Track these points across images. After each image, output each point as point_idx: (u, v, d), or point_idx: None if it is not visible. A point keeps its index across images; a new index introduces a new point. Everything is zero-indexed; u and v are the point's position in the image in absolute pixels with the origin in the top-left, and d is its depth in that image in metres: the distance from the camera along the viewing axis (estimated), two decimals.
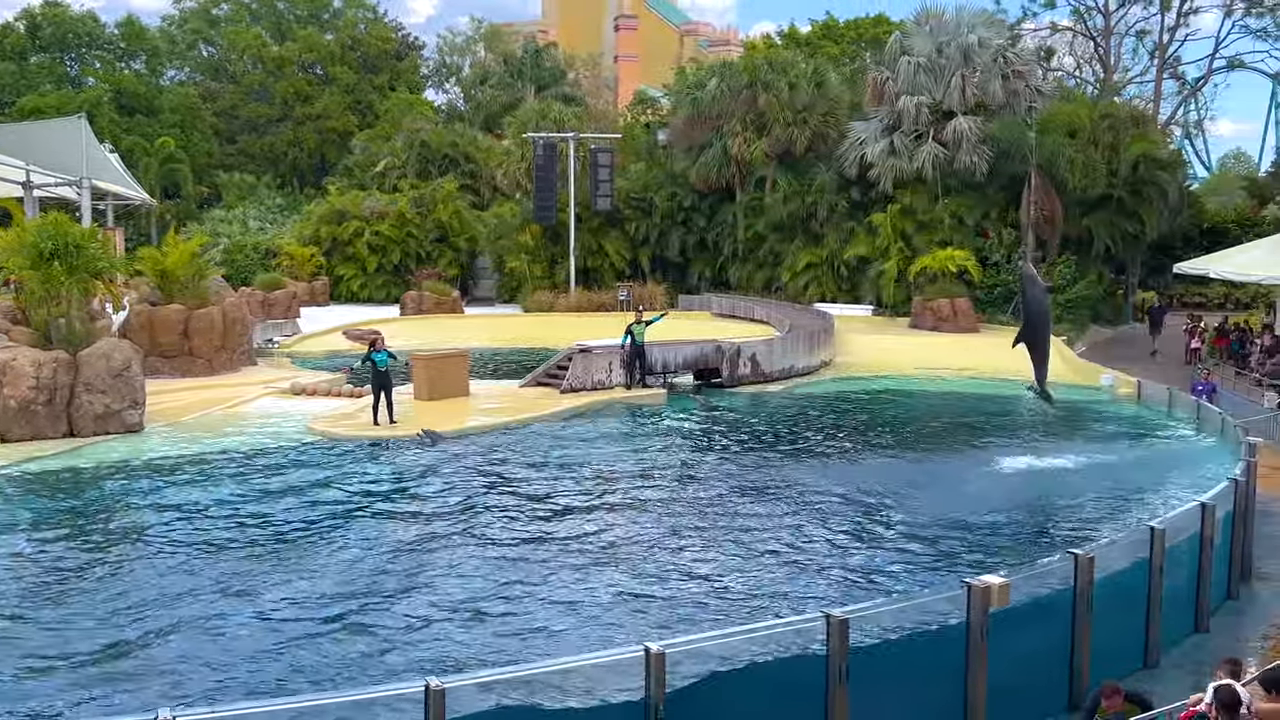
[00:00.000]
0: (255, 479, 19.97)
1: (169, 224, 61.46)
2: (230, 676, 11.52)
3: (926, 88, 46.55)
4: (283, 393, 28.43)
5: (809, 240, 49.89)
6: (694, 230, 54.06)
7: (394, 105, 77.12)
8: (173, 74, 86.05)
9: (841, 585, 14.35)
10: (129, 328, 29.42)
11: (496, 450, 22.44)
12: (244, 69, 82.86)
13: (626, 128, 65.53)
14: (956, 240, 44.72)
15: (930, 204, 46.06)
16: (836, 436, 24.89)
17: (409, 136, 64.33)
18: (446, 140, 63.92)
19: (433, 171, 62.11)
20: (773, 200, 50.17)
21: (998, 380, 32.86)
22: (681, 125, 54.06)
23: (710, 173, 51.82)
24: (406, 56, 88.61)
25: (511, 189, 57.16)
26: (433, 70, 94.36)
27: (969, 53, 46.46)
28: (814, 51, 62.36)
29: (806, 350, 33.55)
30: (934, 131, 45.84)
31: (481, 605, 13.57)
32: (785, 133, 49.97)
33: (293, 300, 44.73)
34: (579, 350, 29.38)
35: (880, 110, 47.52)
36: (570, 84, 75.65)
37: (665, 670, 8.71)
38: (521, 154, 55.34)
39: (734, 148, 50.65)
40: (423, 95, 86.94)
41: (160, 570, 14.88)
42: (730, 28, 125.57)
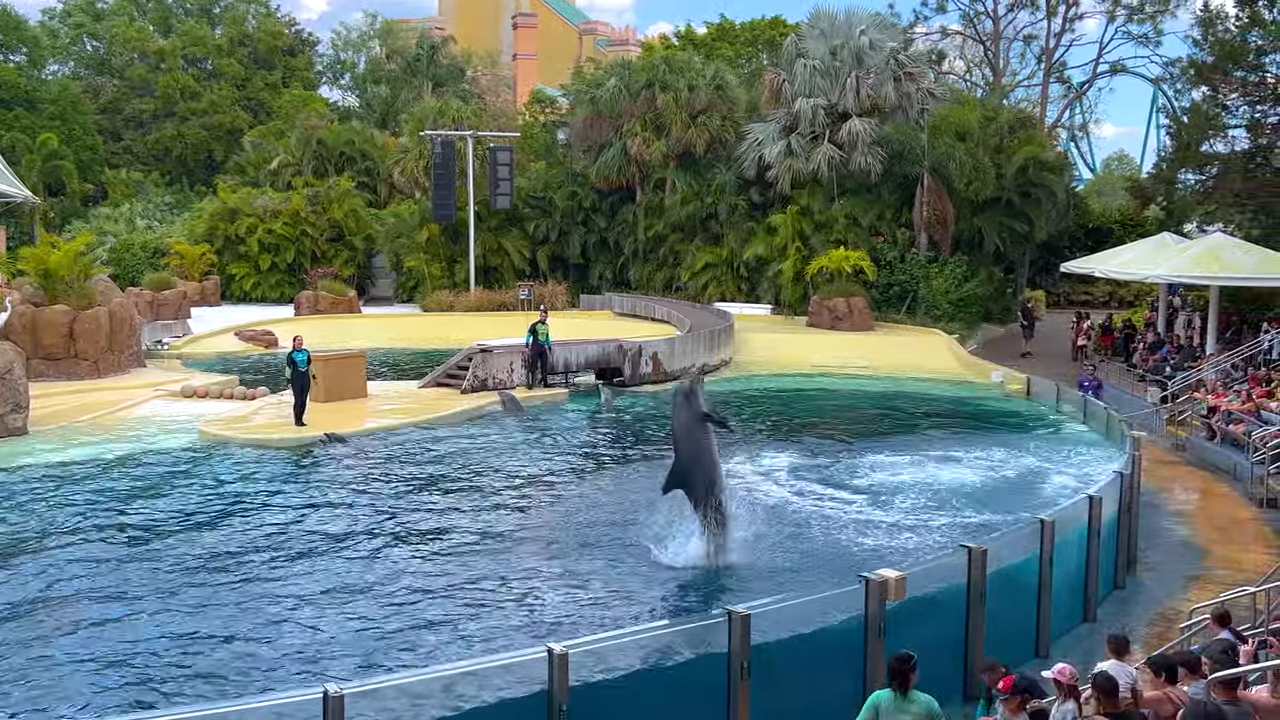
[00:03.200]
0: (136, 483, 19.44)
1: (52, 222, 59.50)
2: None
3: (822, 89, 47.16)
4: (173, 395, 27.71)
5: (708, 240, 50.24)
6: (594, 230, 54.05)
7: (287, 102, 75.62)
8: (55, 68, 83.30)
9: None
10: (11, 329, 28.37)
11: (389, 453, 22.19)
12: (128, 62, 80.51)
13: (526, 127, 65.20)
14: (852, 240, 45.40)
15: (826, 204, 46.66)
16: (752, 433, 25.09)
17: (303, 134, 63.11)
18: (342, 138, 62.87)
19: (328, 169, 61.05)
20: (672, 201, 50.40)
21: (894, 377, 33.58)
22: (581, 125, 53.98)
23: (610, 172, 51.84)
24: (300, 52, 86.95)
25: (409, 187, 56.49)
26: (327, 66, 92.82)
27: (862, 55, 47.19)
28: (710, 53, 62.74)
29: (707, 349, 33.79)
30: (830, 133, 46.46)
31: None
32: (684, 133, 50.21)
33: (183, 300, 43.56)
34: (480, 350, 29.17)
35: (777, 112, 48.01)
36: (468, 82, 75.04)
37: (569, 670, 8.70)
38: (419, 152, 54.72)
39: (633, 148, 50.74)
40: (317, 92, 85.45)
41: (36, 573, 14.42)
42: (628, 27, 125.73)
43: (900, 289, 44.32)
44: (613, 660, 9.58)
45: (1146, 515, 18.03)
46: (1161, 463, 22.93)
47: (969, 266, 44.34)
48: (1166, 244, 34.72)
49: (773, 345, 37.86)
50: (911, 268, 44.41)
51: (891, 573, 10.77)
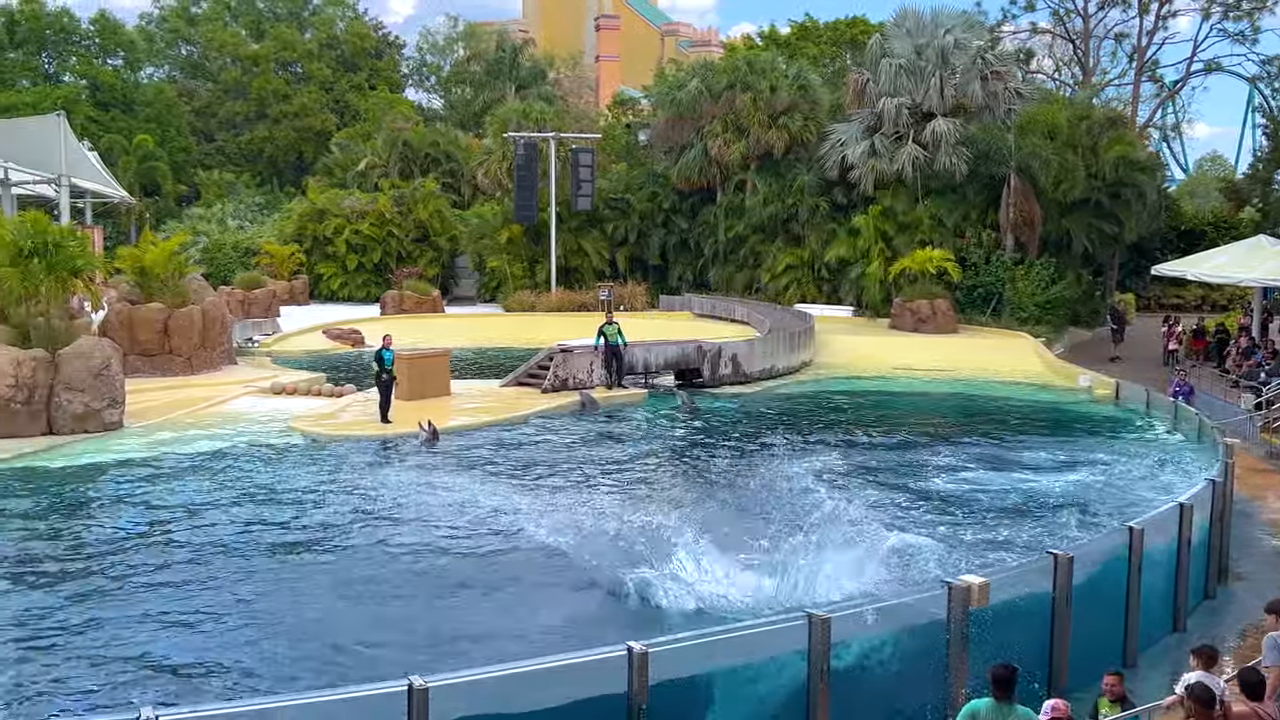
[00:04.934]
0: (232, 478, 19.91)
1: (147, 222, 61.17)
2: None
3: (906, 89, 46.68)
4: (263, 392, 28.34)
5: (789, 241, 50.00)
6: (674, 231, 54.10)
7: (374, 104, 76.89)
8: (151, 72, 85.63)
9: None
10: (108, 326, 29.26)
11: (474, 450, 22.45)
12: (221, 66, 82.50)
13: (607, 128, 65.52)
14: (936, 241, 44.89)
15: (910, 205, 46.20)
16: (816, 434, 24.95)
17: (390, 136, 64.15)
18: (428, 140, 63.80)
19: (414, 171, 61.99)
20: (753, 202, 50.24)
21: (978, 380, 33.12)
22: (662, 126, 54.08)
23: (691, 174, 51.86)
24: (385, 55, 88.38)
25: (492, 188, 57.06)
26: (413, 69, 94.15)
27: (947, 54, 46.63)
28: (793, 53, 62.46)
29: (787, 350, 33.64)
30: (914, 133, 45.98)
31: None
32: (765, 134, 50.04)
33: (272, 299, 44.57)
34: (560, 350, 29.37)
35: (861, 112, 47.66)
36: (551, 83, 75.58)
37: (648, 669, 8.75)
38: (502, 153, 55.24)
39: (714, 149, 50.68)
40: (403, 94, 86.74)
41: (138, 566, 14.85)
42: (710, 28, 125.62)
43: (985, 291, 43.70)
44: (692, 660, 9.62)
45: (1239, 524, 17.57)
46: (1255, 471, 22.31)
47: (1056, 268, 43.60)
48: (1262, 246, 33.80)
49: (853, 347, 37.59)
50: (997, 269, 43.77)
51: (975, 578, 10.65)
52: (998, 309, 43.27)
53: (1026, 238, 44.55)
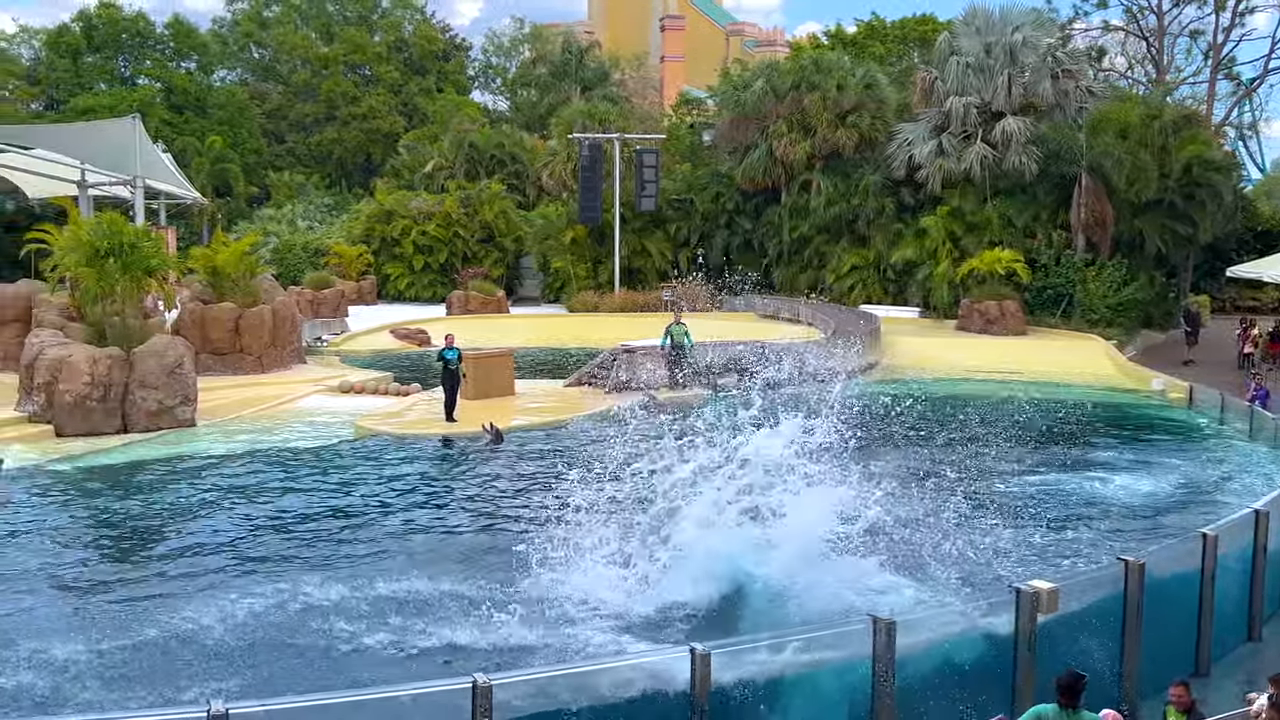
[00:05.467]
0: (303, 475, 20.22)
1: (219, 223, 62.25)
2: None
3: (975, 88, 46.16)
4: (332, 390, 28.74)
5: (855, 242, 49.62)
6: (737, 231, 53.95)
7: (441, 106, 77.63)
8: (223, 74, 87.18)
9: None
10: (181, 325, 29.83)
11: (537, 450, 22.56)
12: (292, 69, 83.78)
13: (671, 128, 65.53)
14: (1005, 241, 44.31)
15: (979, 205, 45.69)
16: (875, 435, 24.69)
17: (456, 137, 64.72)
18: (493, 141, 64.28)
19: (479, 172, 62.48)
20: (818, 202, 49.93)
21: (1047, 383, 32.63)
22: (726, 126, 53.98)
23: (755, 174, 51.68)
24: (453, 57, 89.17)
25: (557, 189, 57.33)
26: (479, 71, 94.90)
27: (1017, 52, 46.04)
28: (860, 52, 62.04)
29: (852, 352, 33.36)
30: (982, 132, 45.46)
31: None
32: (832, 134, 49.73)
33: (341, 299, 45.17)
34: (623, 350, 29.42)
35: (928, 111, 47.21)
36: (615, 84, 75.72)
37: (710, 670, 8.74)
38: (567, 154, 55.47)
39: (779, 149, 50.47)
40: (469, 96, 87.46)
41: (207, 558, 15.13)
42: (776, 28, 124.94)
43: (1055, 292, 43.08)
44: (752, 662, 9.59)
45: None
46: None
47: (1128, 270, 42.85)
48: None
49: (920, 349, 37.23)
50: (1067, 270, 43.12)
51: (1044, 584, 10.50)
52: (1068, 311, 42.62)
53: (1098, 238, 43.84)
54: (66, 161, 45.76)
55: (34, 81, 78.37)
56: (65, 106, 73.02)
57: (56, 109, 74.90)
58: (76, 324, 26.37)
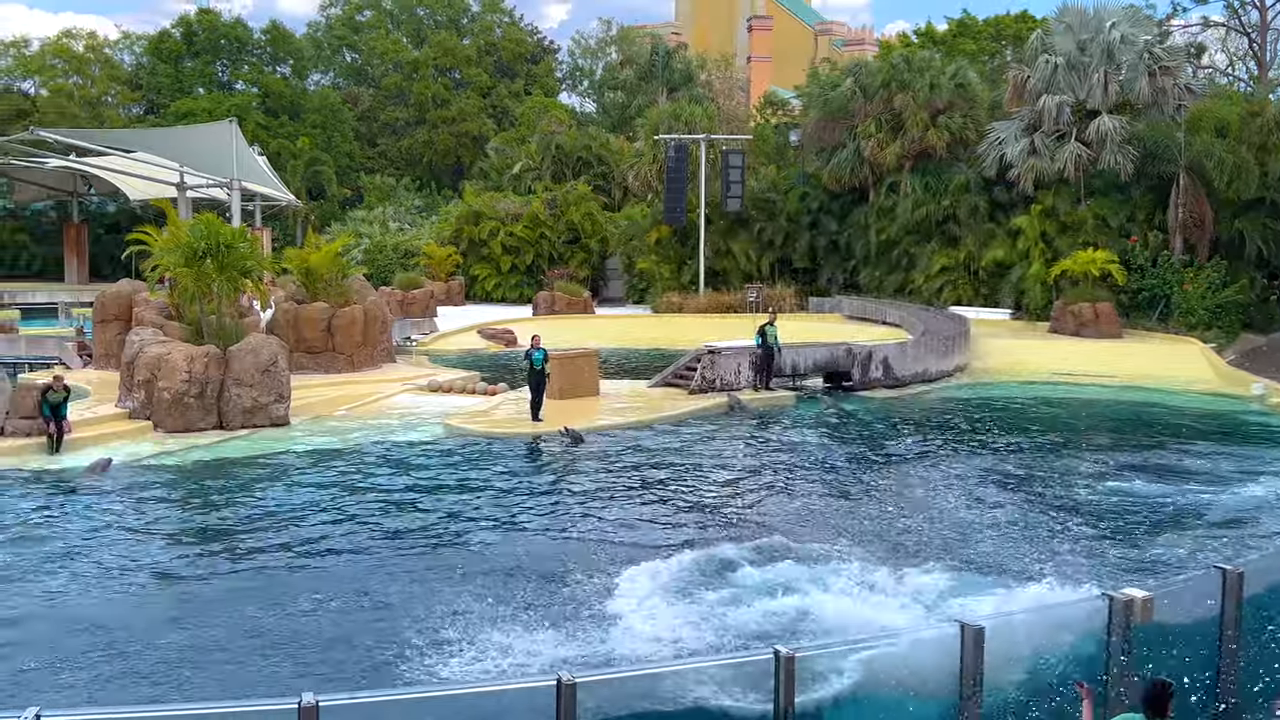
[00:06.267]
0: (394, 472, 20.55)
1: (312, 224, 63.55)
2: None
3: (1069, 86, 45.24)
4: (420, 389, 29.15)
5: (945, 243, 48.92)
6: (824, 232, 53.53)
7: (529, 108, 78.31)
8: (316, 78, 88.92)
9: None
10: (275, 324, 30.49)
11: (621, 449, 22.63)
12: (383, 73, 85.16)
13: (757, 129, 65.28)
14: (1100, 242, 43.35)
15: (1072, 205, 44.82)
16: (964, 440, 24.38)
17: (543, 139, 65.24)
18: (580, 143, 64.68)
19: (566, 173, 62.92)
20: (907, 203, 49.34)
21: (1142, 387, 31.88)
22: (813, 127, 53.60)
23: (843, 174, 51.24)
24: (541, 60, 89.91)
25: (642, 190, 57.48)
26: (567, 73, 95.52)
27: (1113, 49, 45.01)
28: (951, 50, 61.20)
29: (940, 354, 32.96)
30: (1077, 131, 44.54)
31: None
32: (922, 134, 49.13)
33: (430, 299, 45.82)
34: (707, 351, 29.39)
35: (1021, 110, 46.39)
36: (702, 85, 75.68)
37: (795, 675, 8.69)
38: (653, 156, 55.59)
39: (868, 149, 50.03)
40: (557, 98, 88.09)
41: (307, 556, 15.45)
42: (865, 27, 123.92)
43: (1151, 294, 42.05)
44: (838, 666, 9.53)
45: None
46: None
47: (1228, 271, 41.63)
48: None
49: (1010, 351, 36.61)
50: (1164, 272, 42.05)
51: (1138, 592, 10.26)
52: (1165, 313, 41.57)
53: (1196, 239, 42.69)
54: (166, 164, 47.22)
55: (136, 86, 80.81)
56: (165, 111, 75.18)
57: (157, 113, 77.14)
58: (175, 323, 27.12)
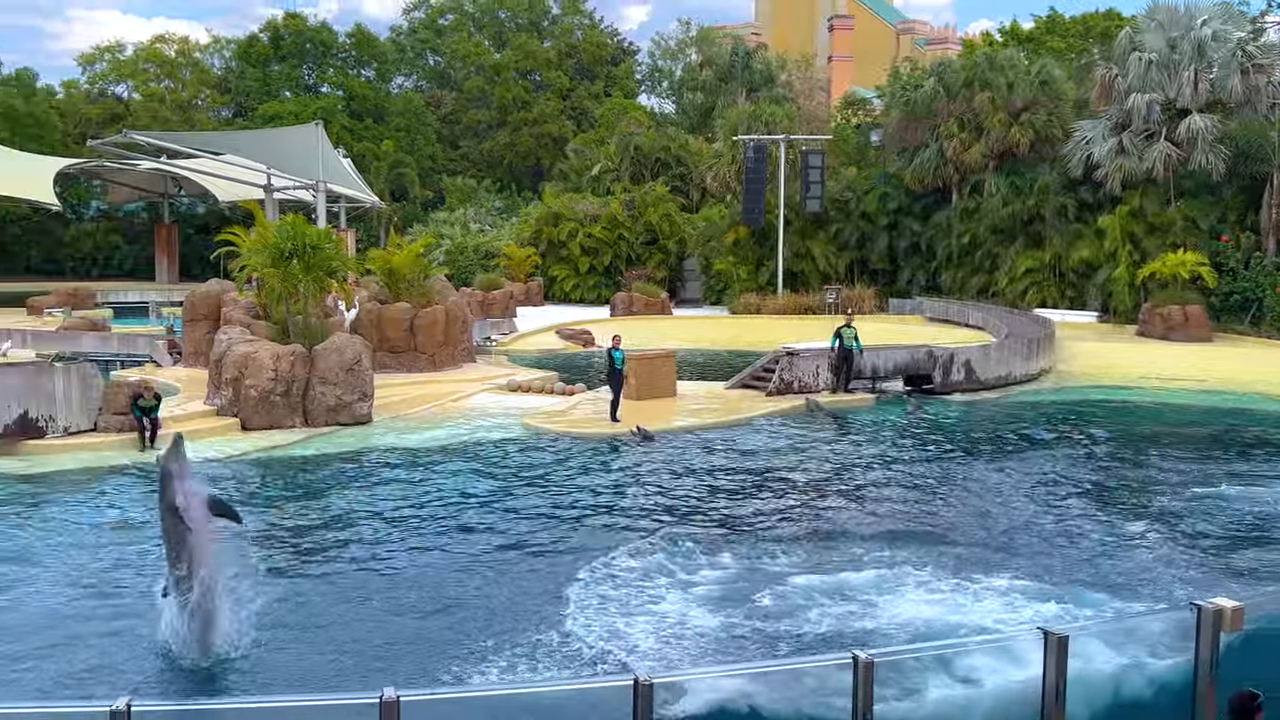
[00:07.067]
0: (474, 470, 20.80)
1: (395, 225, 64.46)
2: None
3: (1158, 84, 44.28)
4: (500, 389, 29.42)
5: (1029, 244, 48.14)
6: (904, 233, 53.01)
7: (608, 110, 78.65)
8: (400, 81, 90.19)
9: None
10: (359, 324, 30.98)
11: (697, 451, 22.63)
12: (465, 75, 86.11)
13: (837, 129, 64.83)
14: (1189, 244, 42.37)
15: (1161, 206, 43.86)
16: (1045, 445, 23.96)
17: (622, 140, 65.47)
18: (658, 144, 64.79)
19: (645, 175, 63.07)
20: (990, 203, 48.66)
21: (1234, 392, 31.08)
22: (895, 126, 53.12)
23: (925, 174, 50.71)
24: (621, 62, 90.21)
25: (721, 191, 57.41)
26: (646, 75, 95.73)
27: (1204, 47, 43.95)
28: (1037, 48, 60.23)
29: (1024, 357, 32.44)
30: (1166, 130, 43.58)
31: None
32: (1005, 133, 48.43)
33: (509, 300, 46.24)
34: (786, 353, 29.25)
35: (1108, 108, 45.51)
36: (782, 86, 75.32)
37: (873, 679, 8.62)
38: (732, 156, 55.50)
39: (950, 149, 49.44)
40: (636, 99, 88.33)
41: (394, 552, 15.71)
42: (948, 26, 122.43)
43: (1243, 297, 41.00)
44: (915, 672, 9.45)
45: None
46: None
47: None
48: None
49: (1096, 354, 35.94)
50: (1256, 274, 40.96)
51: (1228, 601, 10.01)
52: (1257, 316, 40.48)
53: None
54: (254, 166, 48.23)
55: (225, 90, 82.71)
56: (253, 114, 76.83)
57: (245, 116, 78.87)
58: (262, 322, 27.66)
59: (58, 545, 15.96)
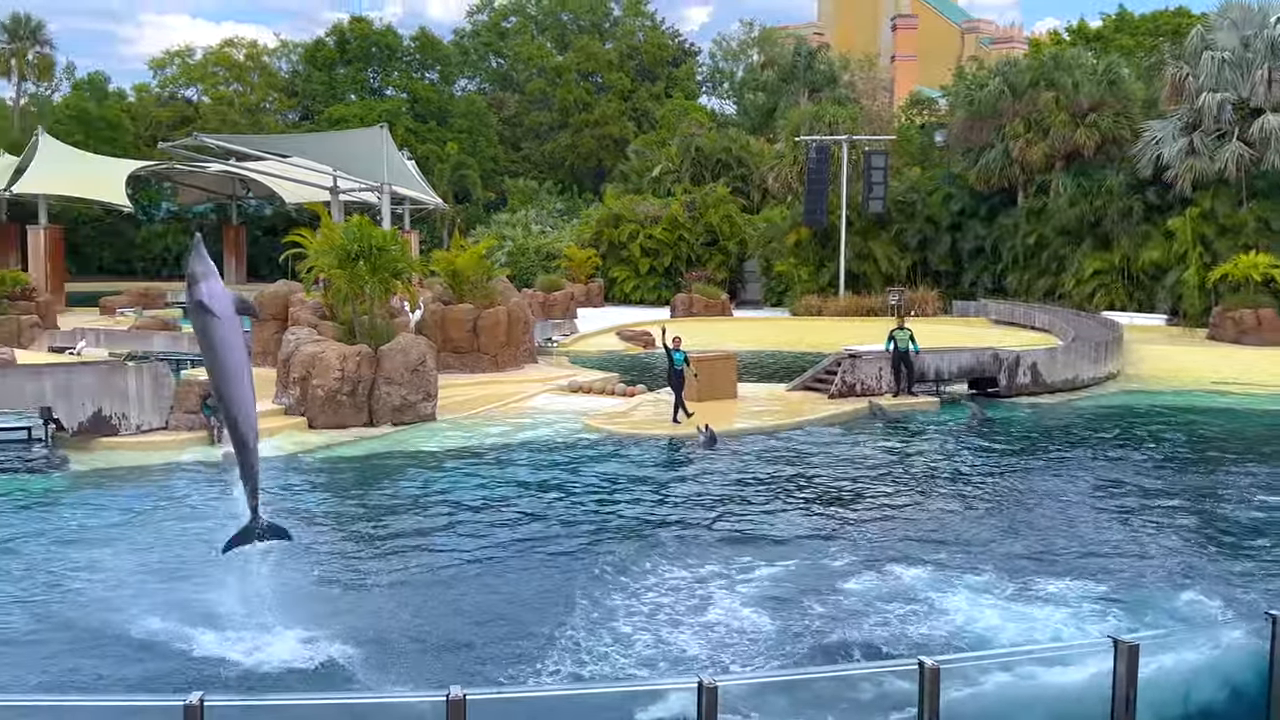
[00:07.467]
0: (536, 470, 20.94)
1: (458, 227, 65.03)
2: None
3: (1230, 84, 43.43)
4: (561, 390, 29.58)
5: (1097, 245, 47.40)
6: (968, 234, 52.45)
7: (669, 111, 78.70)
8: (463, 84, 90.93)
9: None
10: (423, 325, 31.29)
11: (757, 452, 22.58)
12: (528, 78, 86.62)
13: (901, 130, 64.31)
14: (1263, 245, 41.49)
15: (1233, 207, 43.02)
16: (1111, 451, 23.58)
17: (683, 141, 65.46)
18: (719, 145, 64.69)
19: (705, 176, 62.99)
20: (1057, 204, 47.99)
21: None
22: (960, 126, 52.60)
23: (990, 175, 50.13)
24: (683, 63, 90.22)
25: (782, 192, 57.20)
26: (708, 76, 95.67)
27: (1278, 46, 43.04)
28: (1105, 46, 59.33)
29: (1092, 360, 31.98)
30: (1239, 130, 42.73)
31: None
32: (1070, 133, 47.77)
33: (570, 301, 46.42)
34: (848, 355, 29.09)
35: (1178, 108, 44.71)
36: (845, 86, 74.90)
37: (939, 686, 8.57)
38: (793, 157, 55.26)
39: (1016, 149, 48.85)
40: (697, 100, 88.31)
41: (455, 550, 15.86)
42: (1013, 24, 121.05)
43: None
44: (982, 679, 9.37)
45: None
46: None
47: None
48: None
49: (1166, 358, 35.32)
50: None
51: None
52: None
53: None
54: (320, 169, 48.87)
55: (292, 93, 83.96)
56: (319, 117, 77.90)
57: (311, 119, 79.99)
58: (329, 322, 28.03)
59: (128, 534, 16.35)
